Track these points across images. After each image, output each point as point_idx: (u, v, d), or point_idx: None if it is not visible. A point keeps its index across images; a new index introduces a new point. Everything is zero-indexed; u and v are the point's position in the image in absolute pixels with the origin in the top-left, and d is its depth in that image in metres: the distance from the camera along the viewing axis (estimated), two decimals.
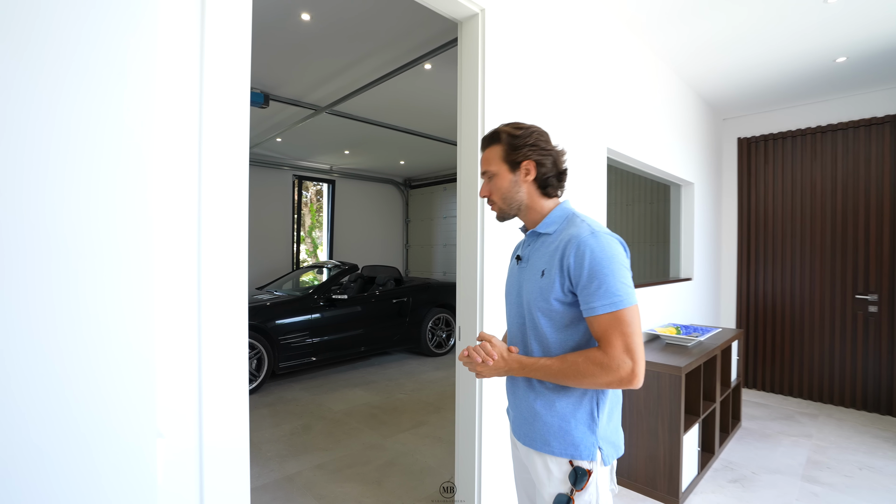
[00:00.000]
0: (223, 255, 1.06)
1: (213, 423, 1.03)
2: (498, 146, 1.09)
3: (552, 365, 0.98)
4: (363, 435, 3.17)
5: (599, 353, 0.94)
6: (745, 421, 3.42)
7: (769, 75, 3.37)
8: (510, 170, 1.08)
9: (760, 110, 4.21)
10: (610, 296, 0.93)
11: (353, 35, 2.85)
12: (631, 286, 0.96)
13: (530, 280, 1.07)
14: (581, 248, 0.96)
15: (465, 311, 1.85)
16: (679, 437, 2.29)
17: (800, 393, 3.94)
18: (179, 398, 0.99)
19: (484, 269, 1.80)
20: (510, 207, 1.11)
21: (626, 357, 0.92)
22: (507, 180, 1.08)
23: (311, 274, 5.73)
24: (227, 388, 1.06)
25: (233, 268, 1.08)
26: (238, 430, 1.08)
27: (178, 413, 0.99)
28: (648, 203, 4.67)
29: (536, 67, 2.08)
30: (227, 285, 1.07)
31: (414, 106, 4.25)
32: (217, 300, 1.05)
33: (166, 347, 0.97)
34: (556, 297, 1.00)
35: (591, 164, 2.45)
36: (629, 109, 2.82)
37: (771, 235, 4.15)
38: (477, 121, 1.81)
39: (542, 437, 1.04)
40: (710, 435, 2.76)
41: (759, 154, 4.24)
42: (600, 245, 0.96)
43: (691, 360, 2.42)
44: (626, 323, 0.93)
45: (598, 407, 1.03)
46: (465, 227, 1.85)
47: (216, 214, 1.05)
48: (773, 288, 4.13)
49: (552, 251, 1.03)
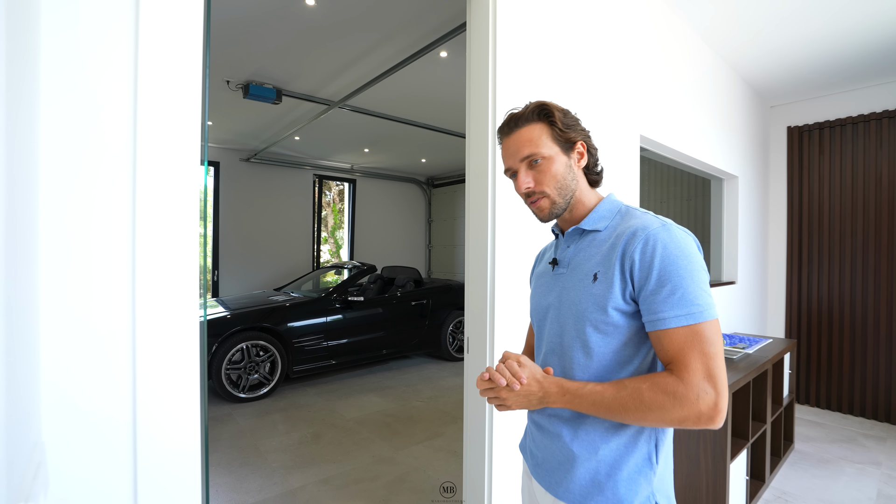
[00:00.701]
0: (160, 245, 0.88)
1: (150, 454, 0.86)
2: (543, 124, 0.85)
3: (605, 391, 0.75)
4: (374, 446, 2.99)
5: (672, 378, 0.71)
6: (799, 443, 3.05)
7: (827, 53, 2.98)
8: (564, 151, 0.86)
9: (814, 95, 3.79)
10: (687, 304, 0.72)
11: (361, 20, 2.68)
12: (711, 295, 0.75)
13: (576, 287, 0.84)
14: (650, 243, 0.75)
15: (475, 320, 1.62)
16: (725, 465, 1.99)
17: (862, 411, 3.51)
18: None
19: (496, 274, 1.57)
20: (564, 199, 0.87)
21: (708, 385, 0.70)
22: (563, 164, 0.86)
23: (332, 275, 5.62)
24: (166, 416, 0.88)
25: (173, 262, 0.90)
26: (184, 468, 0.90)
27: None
28: (685, 199, 4.31)
29: (557, 45, 1.84)
30: (168, 286, 0.89)
31: (431, 99, 4.06)
32: (157, 306, 0.87)
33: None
34: (615, 305, 0.78)
35: (622, 153, 2.18)
36: (665, 93, 2.52)
37: (826, 234, 3.72)
38: (487, 108, 1.59)
39: (581, 488, 0.81)
40: (759, 460, 2.43)
41: (812, 144, 3.82)
42: (674, 240, 0.75)
43: (739, 375, 2.11)
44: (709, 341, 0.71)
45: (657, 449, 0.80)
46: (475, 226, 1.63)
47: (154, 209, 0.87)
48: (830, 293, 3.70)
49: (607, 250, 0.82)
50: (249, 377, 3.83)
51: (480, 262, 1.60)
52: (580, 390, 0.76)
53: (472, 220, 1.65)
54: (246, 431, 3.21)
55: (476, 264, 1.62)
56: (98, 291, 0.83)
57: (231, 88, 3.72)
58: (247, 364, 3.83)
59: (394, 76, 3.39)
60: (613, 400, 0.74)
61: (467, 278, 1.66)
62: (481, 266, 1.60)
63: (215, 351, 3.68)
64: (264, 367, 3.92)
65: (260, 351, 3.91)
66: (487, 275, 1.58)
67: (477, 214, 1.62)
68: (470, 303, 1.65)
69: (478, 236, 1.62)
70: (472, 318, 1.64)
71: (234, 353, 3.77)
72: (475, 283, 1.63)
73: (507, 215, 1.61)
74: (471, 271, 1.65)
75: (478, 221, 1.62)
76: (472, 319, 1.64)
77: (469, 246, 1.65)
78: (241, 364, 3.81)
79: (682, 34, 2.66)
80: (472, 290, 1.64)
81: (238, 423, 3.37)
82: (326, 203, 8.22)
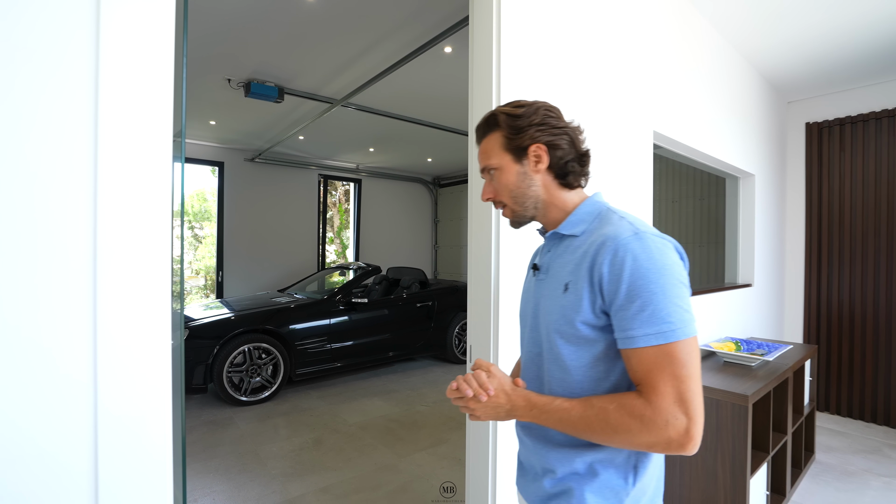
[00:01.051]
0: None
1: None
2: (496, 133, 0.84)
3: (572, 409, 0.72)
4: (377, 453, 2.91)
5: (640, 401, 0.67)
6: (821, 453, 2.91)
7: (848, 45, 2.84)
8: (515, 159, 0.83)
9: (834, 89, 3.64)
10: (658, 322, 0.67)
11: (362, 15, 2.59)
12: (689, 310, 0.69)
13: (550, 296, 0.81)
14: (620, 254, 0.70)
15: (478, 327, 1.53)
16: (745, 480, 1.88)
17: (886, 420, 3.36)
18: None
19: (500, 278, 1.48)
20: (524, 208, 0.85)
21: (679, 410, 0.65)
22: (513, 173, 0.83)
23: (336, 275, 5.56)
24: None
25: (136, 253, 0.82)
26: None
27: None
28: (698, 199, 4.18)
29: (564, 36, 1.74)
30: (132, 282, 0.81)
31: (436, 96, 3.97)
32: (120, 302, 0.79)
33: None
34: (583, 319, 0.74)
35: (634, 150, 2.08)
36: (679, 87, 2.41)
37: (847, 234, 3.57)
38: (491, 105, 1.49)
39: (550, 496, 0.80)
40: (780, 473, 2.30)
41: (833, 141, 3.67)
42: (647, 250, 0.70)
43: (759, 384, 1.99)
44: (681, 363, 0.66)
45: (636, 471, 0.76)
46: (477, 227, 1.54)
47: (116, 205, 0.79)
48: (851, 295, 3.55)
49: (579, 258, 0.77)
50: (251, 380, 3.77)
51: (483, 266, 1.51)
52: (547, 406, 0.74)
53: (474, 222, 1.55)
54: (246, 436, 3.15)
55: (479, 269, 1.53)
56: (52, 298, 0.75)
57: (232, 87, 3.67)
58: (249, 367, 3.77)
59: (397, 73, 3.30)
60: (580, 419, 0.71)
61: (470, 282, 1.57)
62: (484, 270, 1.51)
63: (217, 353, 3.63)
64: (266, 369, 3.86)
65: (262, 353, 3.85)
66: (491, 280, 1.48)
67: (479, 216, 1.53)
68: (472, 309, 1.55)
69: (480, 239, 1.52)
70: (474, 325, 1.55)
71: (236, 355, 3.71)
72: (478, 287, 1.53)
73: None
74: (473, 275, 1.55)
75: (480, 223, 1.53)
76: (474, 327, 1.55)
77: (472, 249, 1.56)
78: (243, 367, 3.75)
79: (694, 23, 2.54)
80: (475, 296, 1.55)
81: (239, 427, 3.31)
82: (332, 203, 8.17)
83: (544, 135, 0.81)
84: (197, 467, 2.69)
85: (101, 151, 0.79)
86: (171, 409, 0.85)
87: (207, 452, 2.88)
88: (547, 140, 0.81)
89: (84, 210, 0.78)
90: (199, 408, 3.67)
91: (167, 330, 0.82)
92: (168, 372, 0.82)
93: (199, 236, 7.47)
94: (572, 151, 0.83)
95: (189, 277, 7.19)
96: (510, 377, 0.80)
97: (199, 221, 7.39)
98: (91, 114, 0.78)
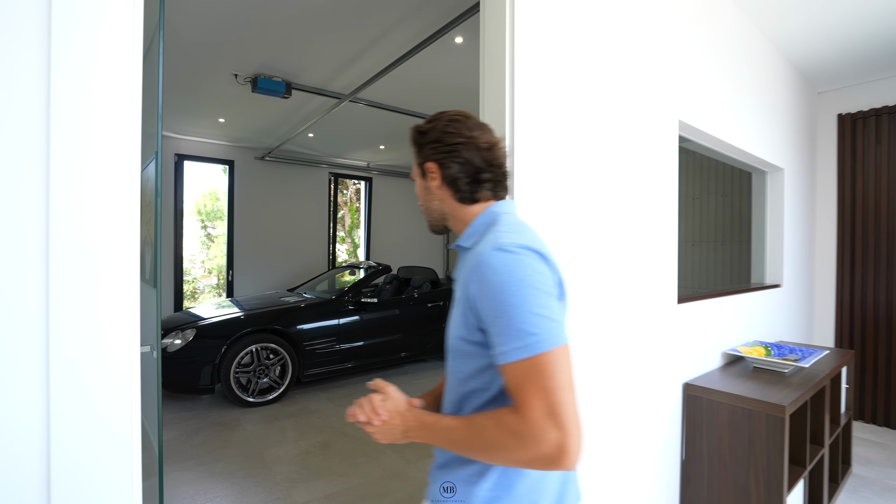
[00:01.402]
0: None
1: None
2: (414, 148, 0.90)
3: (457, 428, 0.71)
4: (385, 458, 2.81)
5: (514, 416, 0.65)
6: (857, 466, 2.72)
7: (884, 29, 2.65)
8: (420, 174, 0.88)
9: (868, 78, 3.43)
10: (520, 335, 0.65)
11: (369, 4, 2.49)
12: (555, 318, 0.66)
13: (453, 309, 0.80)
14: (482, 270, 0.69)
15: None
16: (781, 497, 1.73)
17: None
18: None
19: None
20: (433, 219, 0.90)
21: (549, 424, 0.63)
22: (420, 187, 0.89)
23: (346, 275, 5.49)
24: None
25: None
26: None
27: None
28: (721, 195, 3.99)
29: (583, 22, 1.61)
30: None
31: (448, 90, 3.85)
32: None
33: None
34: (461, 335, 0.75)
35: (657, 140, 1.93)
36: (705, 74, 2.26)
37: (884, 232, 3.36)
38: (504, 97, 1.37)
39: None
40: (817, 489, 2.14)
41: (868, 133, 3.46)
42: (503, 263, 0.68)
43: (795, 393, 1.84)
44: (548, 374, 0.64)
45: (504, 486, 0.73)
46: None
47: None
48: (888, 297, 3.33)
49: (467, 272, 0.75)
50: (259, 381, 3.71)
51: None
52: (435, 425, 0.73)
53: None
54: (253, 438, 3.08)
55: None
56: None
57: (239, 82, 3.60)
58: (256, 367, 3.71)
59: (406, 66, 3.20)
60: (463, 438, 0.70)
61: None
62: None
63: (224, 353, 3.57)
64: (274, 370, 3.80)
65: (270, 354, 3.78)
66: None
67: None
68: None
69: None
70: None
71: (243, 355, 3.65)
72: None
73: (523, 216, 1.39)
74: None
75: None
76: None
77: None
78: (251, 367, 3.69)
79: (722, 7, 2.38)
80: None
81: (245, 429, 3.24)
82: (343, 202, 8.12)
83: (436, 153, 0.82)
84: (201, 470, 2.62)
85: (54, 143, 0.69)
86: (135, 430, 0.75)
87: (213, 455, 2.82)
88: (437, 159, 0.82)
89: (35, 212, 0.69)
90: (206, 409, 3.62)
91: (134, 338, 0.72)
92: (135, 383, 0.72)
93: (211, 235, 7.48)
94: (468, 168, 0.81)
95: (202, 276, 7.20)
96: (405, 398, 0.80)
97: (211, 221, 7.40)
98: (43, 106, 0.69)
